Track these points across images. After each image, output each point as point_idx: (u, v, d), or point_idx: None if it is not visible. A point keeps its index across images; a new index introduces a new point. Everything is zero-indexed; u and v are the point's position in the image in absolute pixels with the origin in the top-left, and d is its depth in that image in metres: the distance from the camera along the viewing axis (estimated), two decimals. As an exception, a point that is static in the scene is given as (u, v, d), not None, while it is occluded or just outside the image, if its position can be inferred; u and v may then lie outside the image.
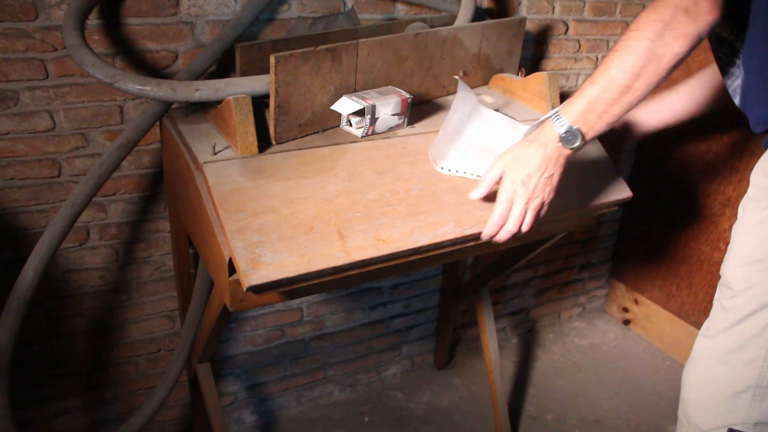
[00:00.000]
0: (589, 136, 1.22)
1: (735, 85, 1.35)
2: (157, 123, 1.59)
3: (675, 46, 1.13)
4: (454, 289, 2.39)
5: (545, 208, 1.27)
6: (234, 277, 1.22)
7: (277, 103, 1.32)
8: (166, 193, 1.77)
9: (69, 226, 1.51)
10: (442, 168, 1.43)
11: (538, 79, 1.75)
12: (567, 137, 1.20)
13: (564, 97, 1.67)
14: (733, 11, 1.20)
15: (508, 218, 1.25)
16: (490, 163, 1.30)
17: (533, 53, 2.29)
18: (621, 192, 1.65)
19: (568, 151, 1.22)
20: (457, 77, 1.55)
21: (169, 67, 1.69)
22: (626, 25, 2.46)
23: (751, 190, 1.32)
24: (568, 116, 1.20)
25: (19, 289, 1.47)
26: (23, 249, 1.70)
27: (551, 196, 1.26)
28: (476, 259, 2.53)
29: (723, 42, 1.35)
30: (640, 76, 1.14)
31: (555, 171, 1.23)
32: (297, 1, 1.77)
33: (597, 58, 2.46)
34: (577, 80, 2.44)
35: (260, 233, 1.20)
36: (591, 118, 1.20)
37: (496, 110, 1.62)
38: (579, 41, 2.38)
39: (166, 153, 1.62)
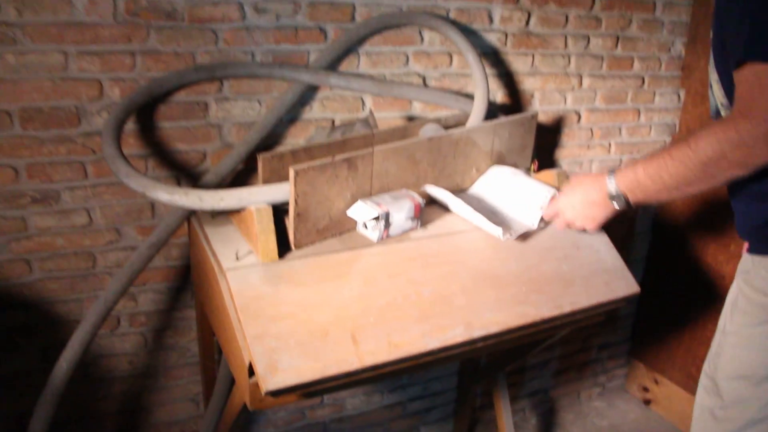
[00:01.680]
0: (633, 201, 1.39)
1: None
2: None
3: (728, 172, 1.19)
4: (472, 372, 2.44)
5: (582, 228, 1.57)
6: (254, 379, 1.29)
7: (296, 212, 1.41)
8: (193, 285, 1.87)
9: (102, 321, 1.61)
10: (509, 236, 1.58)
11: (548, 176, 1.83)
12: (614, 197, 1.41)
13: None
14: None
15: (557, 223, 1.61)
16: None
17: (547, 142, 2.38)
18: (629, 287, 1.71)
19: (614, 207, 1.43)
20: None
21: (198, 166, 1.80)
22: (638, 112, 2.55)
23: (741, 300, 1.36)
24: (619, 183, 1.38)
25: (53, 381, 1.56)
26: (59, 337, 1.79)
27: (590, 227, 1.54)
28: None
29: None
30: (690, 185, 1.25)
31: (598, 214, 1.49)
32: (318, 102, 1.88)
33: (610, 145, 2.53)
34: (591, 166, 2.51)
35: (278, 339, 1.27)
36: (638, 194, 1.36)
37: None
38: (591, 129, 2.46)
39: (194, 249, 1.72)
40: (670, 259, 2.79)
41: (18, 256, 1.72)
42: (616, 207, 1.43)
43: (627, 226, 2.74)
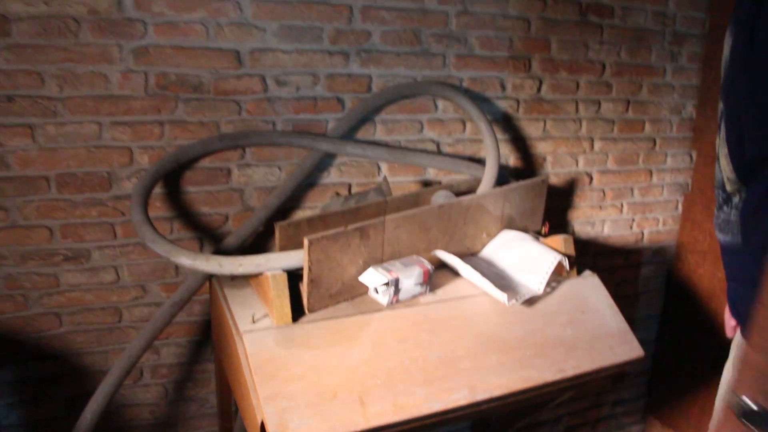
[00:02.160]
0: None
1: None
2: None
3: None
4: (483, 428, 2.48)
5: None
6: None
7: (309, 278, 1.49)
8: (213, 340, 1.95)
9: (125, 375, 1.70)
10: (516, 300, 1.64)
11: (555, 242, 1.89)
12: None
13: (577, 243, 1.82)
14: None
15: None
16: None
17: (560, 204, 2.45)
18: (632, 351, 1.76)
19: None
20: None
21: (220, 228, 1.90)
22: (649, 172, 2.61)
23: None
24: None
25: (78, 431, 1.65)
26: (84, 386, 1.89)
27: None
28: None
29: None
30: None
31: None
32: (336, 168, 1.98)
33: (622, 205, 2.59)
34: (603, 227, 2.57)
35: (290, 399, 1.35)
36: None
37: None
38: (603, 190, 2.53)
39: (214, 307, 1.81)
40: (684, 316, 2.82)
41: (49, 310, 1.82)
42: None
43: (641, 284, 2.78)
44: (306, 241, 1.45)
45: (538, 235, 1.99)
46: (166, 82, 1.74)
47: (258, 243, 1.91)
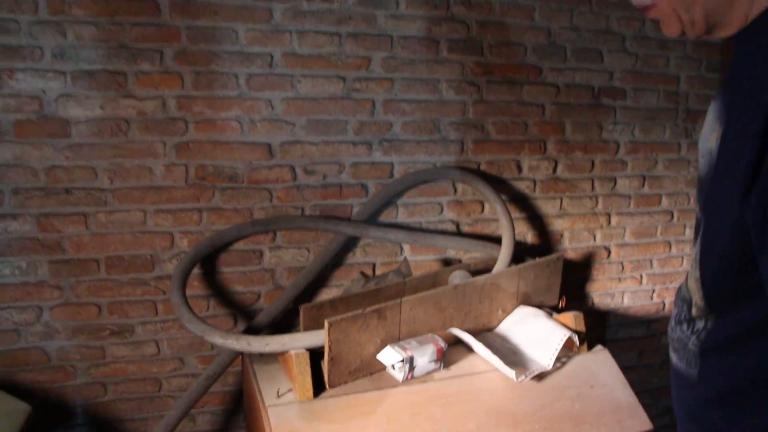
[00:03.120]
0: None
1: None
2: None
3: None
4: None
5: None
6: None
7: (330, 356, 1.63)
8: (244, 409, 2.08)
9: (163, 443, 1.84)
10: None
11: (566, 318, 1.99)
12: None
13: (596, 314, 1.91)
14: None
15: None
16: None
17: (578, 277, 2.54)
18: (641, 425, 1.83)
19: None
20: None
21: (252, 305, 2.06)
22: (668, 244, 2.69)
23: None
24: None
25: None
26: (125, 452, 2.04)
27: None
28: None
29: None
30: None
31: None
32: (360, 249, 2.13)
33: (641, 276, 2.68)
34: (622, 299, 2.65)
35: (309, 471, 1.47)
36: None
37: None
38: (622, 263, 2.62)
39: (245, 379, 1.95)
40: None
41: (95, 380, 1.98)
42: None
43: (663, 352, 2.83)
44: (326, 323, 1.59)
45: (554, 309, 2.09)
46: (204, 174, 1.92)
47: (288, 319, 2.06)
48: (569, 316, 1.99)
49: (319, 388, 1.65)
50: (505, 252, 2.03)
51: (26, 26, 1.73)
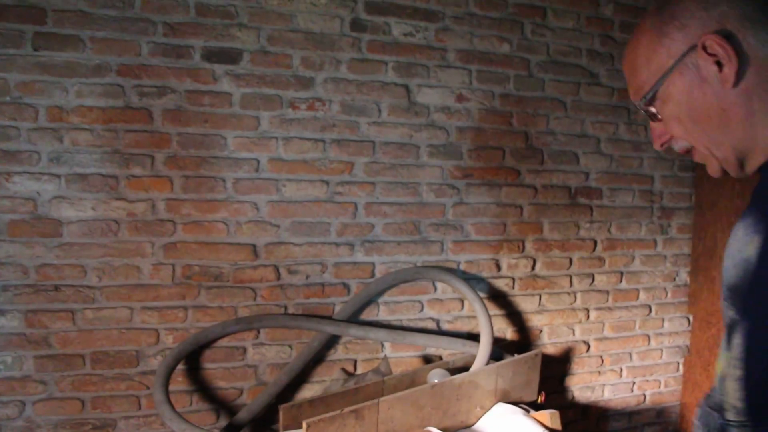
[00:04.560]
0: None
1: None
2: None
3: None
4: None
5: None
6: None
7: (308, 462, 1.65)
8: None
9: None
10: None
11: (543, 416, 2.03)
12: None
13: (577, 408, 1.95)
14: None
15: None
16: None
17: (558, 371, 2.58)
18: None
19: None
20: None
21: (235, 401, 2.09)
22: (647, 337, 2.74)
23: None
24: None
25: None
26: None
27: None
28: None
29: None
30: None
31: None
32: (342, 346, 2.18)
33: (621, 369, 2.72)
34: (603, 392, 2.69)
35: None
36: None
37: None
38: (602, 357, 2.66)
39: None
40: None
41: (76, 476, 1.99)
42: None
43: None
44: (305, 425, 1.62)
45: (532, 405, 2.12)
46: (190, 273, 1.98)
47: (269, 416, 2.08)
48: (546, 415, 2.02)
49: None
50: (482, 350, 2.08)
51: (25, 133, 1.82)
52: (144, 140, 1.92)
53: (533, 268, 2.44)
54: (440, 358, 2.28)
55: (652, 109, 1.00)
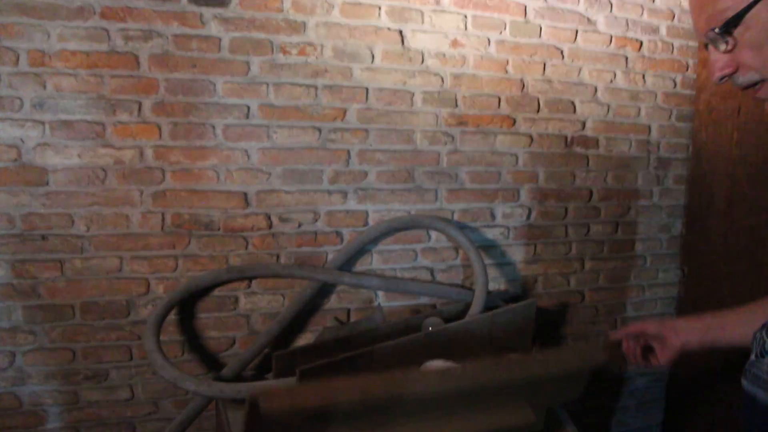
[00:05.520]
0: None
1: None
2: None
3: None
4: None
5: None
6: None
7: (300, 407, 1.64)
8: (218, 455, 2.09)
9: (134, 490, 1.84)
10: None
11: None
12: None
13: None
14: None
15: None
16: None
17: (552, 321, 2.58)
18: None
19: None
20: None
21: (227, 350, 2.08)
22: (642, 288, 2.73)
23: None
24: None
25: None
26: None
27: None
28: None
29: None
30: None
31: None
32: (335, 295, 2.16)
33: (616, 320, 2.71)
34: (597, 341, 2.69)
35: None
36: None
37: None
38: (596, 307, 2.65)
39: (218, 424, 1.96)
40: (684, 426, 2.87)
41: (68, 425, 1.99)
42: None
43: (639, 394, 2.86)
44: (298, 372, 1.61)
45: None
46: (180, 221, 1.95)
47: (262, 365, 2.07)
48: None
49: (289, 437, 1.66)
50: (477, 298, 2.07)
51: (6, 77, 1.77)
52: (130, 86, 1.87)
53: (528, 217, 2.41)
54: (434, 307, 2.26)
55: (727, 38, 0.96)
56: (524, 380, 1.53)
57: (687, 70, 2.59)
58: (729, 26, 0.95)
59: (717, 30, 0.96)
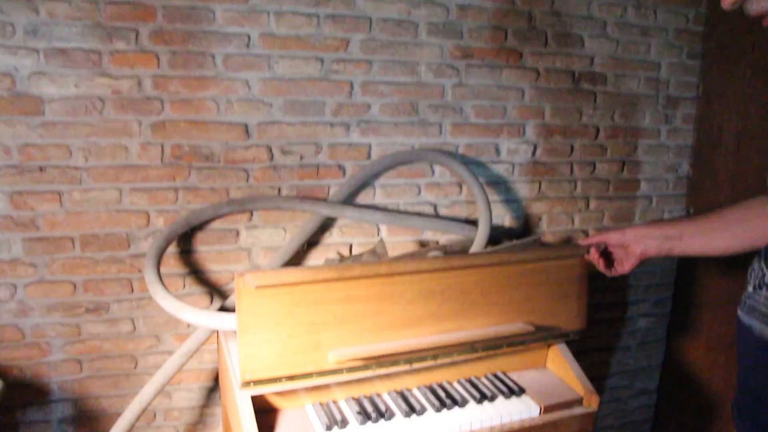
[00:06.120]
0: None
1: None
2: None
3: None
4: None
5: None
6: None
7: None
8: (220, 387, 2.10)
9: (136, 418, 1.86)
10: None
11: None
12: None
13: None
14: None
15: None
16: None
17: (555, 259, 2.56)
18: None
19: None
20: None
21: (228, 284, 2.06)
22: (647, 230, 2.70)
23: None
24: None
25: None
26: (100, 427, 2.05)
27: None
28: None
29: None
30: None
31: None
32: (337, 229, 2.14)
33: (620, 260, 2.69)
34: (603, 281, 2.67)
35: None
36: None
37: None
38: (600, 247, 2.63)
39: (220, 356, 1.96)
40: (684, 367, 2.89)
41: (71, 357, 1.99)
42: None
43: (641, 334, 2.87)
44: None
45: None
46: (180, 153, 1.92)
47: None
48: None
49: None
50: (481, 233, 2.04)
51: (-3, 2, 1.71)
52: (127, 13, 1.81)
53: (534, 154, 2.37)
54: (437, 243, 2.24)
55: None
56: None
57: (700, 5, 2.52)
58: None
59: None
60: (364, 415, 1.63)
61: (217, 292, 2.06)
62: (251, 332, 1.51)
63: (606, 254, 1.80)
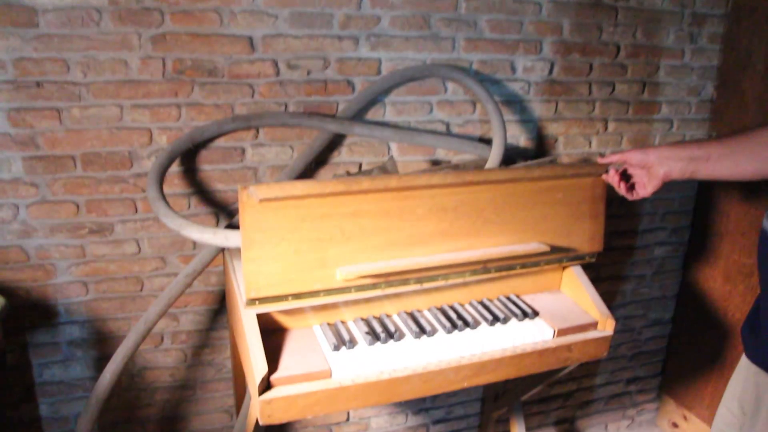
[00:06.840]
0: None
1: None
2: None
3: None
4: (493, 399, 2.56)
5: None
6: (264, 396, 1.45)
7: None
8: (227, 308, 2.07)
9: (142, 339, 1.83)
10: None
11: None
12: None
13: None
14: None
15: None
16: None
17: (572, 183, 2.48)
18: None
19: None
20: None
21: (234, 204, 2.01)
22: (667, 154, 2.61)
23: None
24: None
25: (97, 389, 1.80)
26: (109, 349, 2.02)
27: None
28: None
29: None
30: None
31: None
32: (346, 147, 2.07)
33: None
34: (618, 206, 2.60)
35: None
36: None
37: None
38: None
39: (226, 277, 1.92)
40: (700, 297, 2.84)
41: (76, 279, 1.96)
42: None
43: (657, 264, 2.81)
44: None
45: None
46: (182, 67, 1.84)
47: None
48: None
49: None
50: (495, 153, 1.96)
51: None
52: None
53: (551, 72, 2.27)
54: (449, 162, 2.17)
55: None
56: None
57: None
58: None
59: None
60: (373, 336, 1.59)
61: (223, 212, 2.01)
62: (256, 248, 1.46)
63: (626, 176, 1.71)
